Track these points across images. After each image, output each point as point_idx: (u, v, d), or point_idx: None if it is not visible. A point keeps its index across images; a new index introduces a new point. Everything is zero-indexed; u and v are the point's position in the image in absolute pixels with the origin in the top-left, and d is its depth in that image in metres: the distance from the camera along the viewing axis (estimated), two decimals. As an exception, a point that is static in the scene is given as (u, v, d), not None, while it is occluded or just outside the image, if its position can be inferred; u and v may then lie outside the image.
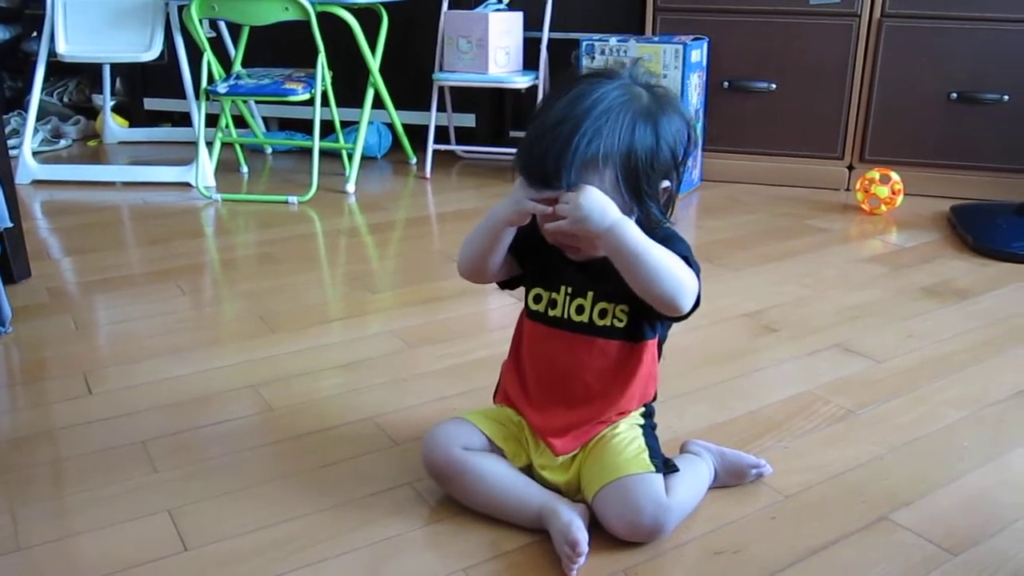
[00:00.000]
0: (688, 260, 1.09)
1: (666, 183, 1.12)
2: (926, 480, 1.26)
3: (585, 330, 1.15)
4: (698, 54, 2.77)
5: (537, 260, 1.18)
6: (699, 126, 2.90)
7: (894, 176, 2.60)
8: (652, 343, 1.18)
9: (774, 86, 2.86)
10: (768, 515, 1.19)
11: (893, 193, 2.60)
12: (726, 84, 2.89)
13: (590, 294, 1.15)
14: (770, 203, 2.78)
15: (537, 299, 1.19)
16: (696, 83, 2.78)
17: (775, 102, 2.88)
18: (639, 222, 1.09)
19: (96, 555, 1.11)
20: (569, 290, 1.16)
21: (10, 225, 1.83)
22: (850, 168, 2.88)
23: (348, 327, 1.84)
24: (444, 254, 2.34)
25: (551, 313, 1.17)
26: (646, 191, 1.08)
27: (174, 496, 1.22)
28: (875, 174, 2.62)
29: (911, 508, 1.20)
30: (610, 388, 1.16)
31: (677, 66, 2.68)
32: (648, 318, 1.15)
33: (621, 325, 1.14)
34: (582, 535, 1.07)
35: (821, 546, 1.12)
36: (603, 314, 1.14)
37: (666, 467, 1.15)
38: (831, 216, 2.64)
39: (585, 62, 2.77)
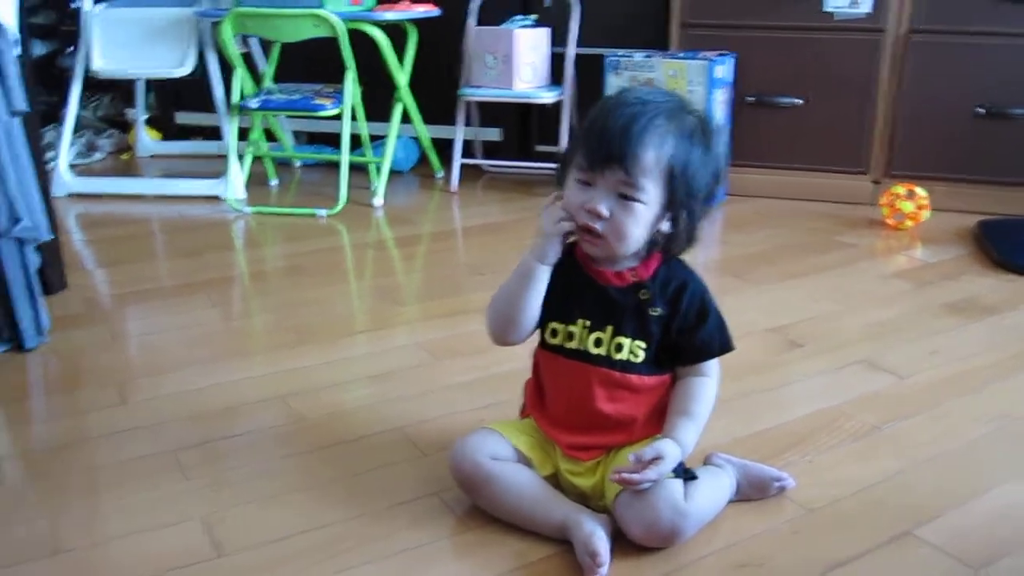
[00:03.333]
0: (706, 299, 1.17)
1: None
2: (950, 496, 1.27)
3: (603, 363, 1.16)
4: (723, 70, 2.78)
5: (553, 296, 1.19)
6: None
7: (919, 191, 2.59)
8: (668, 378, 1.20)
9: (800, 101, 2.87)
10: (791, 529, 1.20)
11: (918, 208, 2.59)
12: (751, 99, 2.90)
13: (609, 328, 1.16)
14: (795, 218, 2.78)
15: (553, 334, 1.20)
16: (721, 99, 2.79)
17: (801, 117, 2.88)
18: (668, 235, 1.13)
19: (131, 560, 1.14)
20: (588, 323, 1.17)
21: (49, 238, 1.88)
22: (876, 183, 2.88)
23: (375, 339, 1.87)
24: (470, 267, 2.36)
25: (568, 345, 1.19)
26: (689, 192, 1.11)
27: (206, 504, 1.25)
28: (900, 189, 2.61)
29: (935, 523, 1.20)
30: (630, 418, 1.18)
31: (702, 82, 2.69)
32: (666, 355, 1.17)
33: (637, 360, 1.16)
34: (603, 546, 1.09)
35: (844, 561, 1.13)
36: (619, 348, 1.16)
37: (685, 475, 1.16)
38: (857, 231, 2.63)
39: (610, 78, 2.80)
